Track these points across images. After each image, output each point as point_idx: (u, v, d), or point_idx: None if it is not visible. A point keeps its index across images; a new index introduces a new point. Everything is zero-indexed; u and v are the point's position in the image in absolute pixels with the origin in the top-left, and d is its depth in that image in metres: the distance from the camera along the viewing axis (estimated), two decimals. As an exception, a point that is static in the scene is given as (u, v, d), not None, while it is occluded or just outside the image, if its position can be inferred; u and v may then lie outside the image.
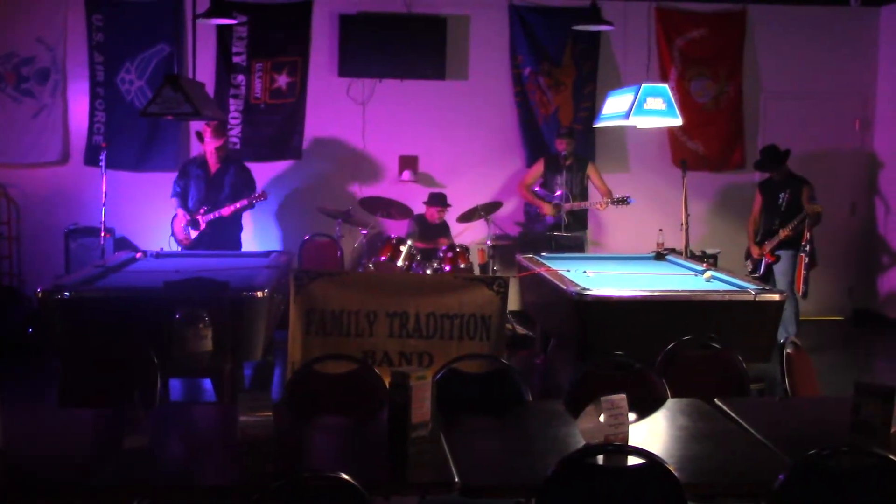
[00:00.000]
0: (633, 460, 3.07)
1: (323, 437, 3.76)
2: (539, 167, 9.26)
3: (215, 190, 8.19)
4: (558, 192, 8.82)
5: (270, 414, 3.31)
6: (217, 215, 8.05)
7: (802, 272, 8.07)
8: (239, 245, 8.39)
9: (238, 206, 8.08)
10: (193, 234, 8.08)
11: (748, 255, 8.77)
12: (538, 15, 9.78)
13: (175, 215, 8.25)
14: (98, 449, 3.48)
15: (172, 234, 8.27)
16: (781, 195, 8.46)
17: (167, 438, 3.61)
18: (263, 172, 9.38)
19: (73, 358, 4.56)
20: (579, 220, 9.20)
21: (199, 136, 8.28)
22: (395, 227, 9.42)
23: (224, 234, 8.18)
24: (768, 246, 8.45)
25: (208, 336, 5.37)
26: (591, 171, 9.20)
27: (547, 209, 8.98)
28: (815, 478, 3.00)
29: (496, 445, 3.61)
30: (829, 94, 10.17)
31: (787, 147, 8.62)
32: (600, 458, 3.15)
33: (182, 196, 8.28)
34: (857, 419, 3.55)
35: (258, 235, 9.48)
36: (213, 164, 8.24)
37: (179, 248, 8.17)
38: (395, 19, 9.59)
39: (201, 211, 8.08)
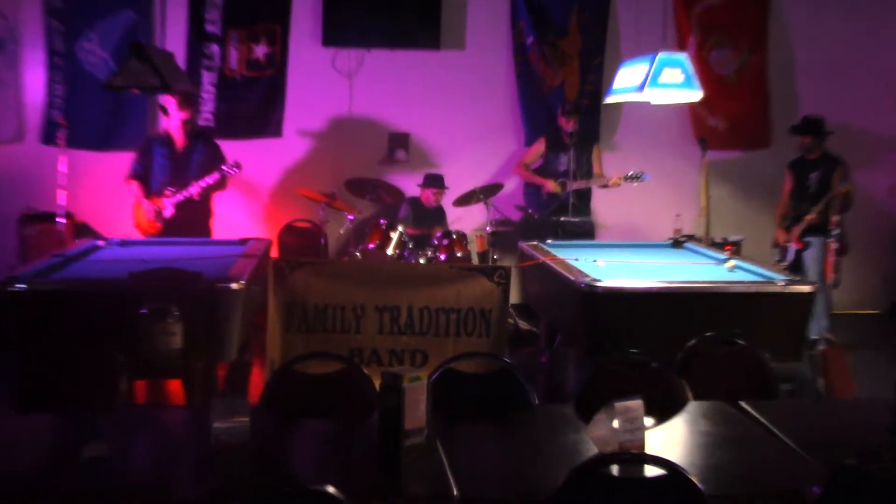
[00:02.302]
0: (651, 470, 3.05)
1: (305, 444, 3.73)
2: (540, 146, 9.23)
3: (182, 169, 7.99)
4: (563, 172, 8.80)
5: (247, 419, 3.29)
6: (186, 195, 7.91)
7: (831, 259, 8.06)
8: (209, 232, 8.29)
9: (209, 181, 7.89)
10: (164, 217, 7.96)
11: (775, 242, 8.76)
12: (542, -22, 9.76)
13: (136, 201, 8.12)
14: (57, 458, 3.44)
15: (135, 224, 8.14)
16: (812, 175, 8.46)
17: (132, 446, 3.59)
18: (240, 152, 9.28)
19: (28, 358, 4.52)
20: (585, 203, 9.16)
21: (163, 109, 8.13)
22: (385, 212, 9.38)
23: (193, 221, 8.05)
24: (796, 231, 8.44)
25: (178, 332, 5.33)
26: (594, 153, 9.16)
27: (551, 185, 8.93)
28: (853, 488, 2.97)
29: (498, 454, 3.59)
30: (862, 68, 10.12)
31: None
32: (615, 469, 3.12)
33: (142, 178, 8.11)
34: (900, 423, 3.53)
35: (234, 221, 9.44)
36: (180, 141, 8.05)
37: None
38: (386, -18, 9.57)
39: (167, 193, 7.93)
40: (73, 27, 9.37)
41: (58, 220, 8.02)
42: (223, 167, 7.90)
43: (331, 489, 2.76)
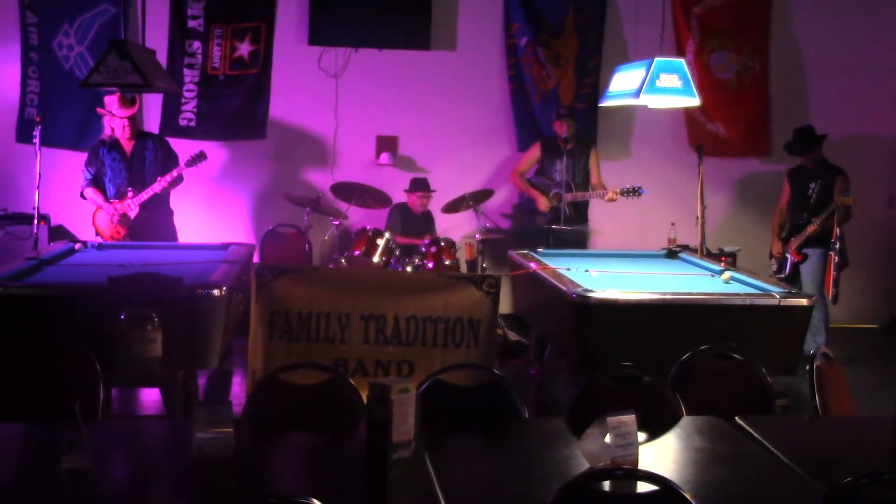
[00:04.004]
0: (643, 486, 3.07)
1: (290, 457, 3.75)
2: (535, 152, 9.27)
3: (137, 169, 8.04)
4: (557, 182, 8.84)
5: (230, 430, 3.30)
6: (150, 194, 7.93)
7: (832, 273, 8.10)
8: (174, 232, 8.33)
9: (175, 174, 7.94)
10: (130, 220, 7.95)
11: (772, 254, 8.81)
12: (537, -23, 9.79)
13: (96, 209, 8.12)
14: (32, 469, 3.45)
15: (97, 232, 8.14)
16: (812, 185, 8.50)
17: (111, 457, 3.58)
18: (222, 154, 9.36)
19: (2, 365, 4.52)
20: (580, 212, 9.21)
21: (109, 112, 8.09)
22: (372, 218, 9.40)
23: (158, 221, 8.09)
24: (795, 243, 8.49)
25: (158, 340, 5.35)
26: (591, 157, 9.20)
27: (543, 203, 8.98)
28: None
29: (487, 468, 3.61)
30: (864, 71, 10.16)
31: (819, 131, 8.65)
32: (607, 484, 3.15)
33: (97, 183, 8.13)
34: (899, 441, 3.57)
35: (215, 226, 9.45)
36: (127, 142, 8.08)
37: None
38: (375, -20, 9.58)
39: (129, 194, 7.95)
40: (49, 21, 9.37)
41: (34, 221, 8.04)
42: (188, 160, 7.93)
43: (316, 502, 2.78)
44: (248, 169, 9.75)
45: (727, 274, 6.82)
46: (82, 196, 8.18)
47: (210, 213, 9.43)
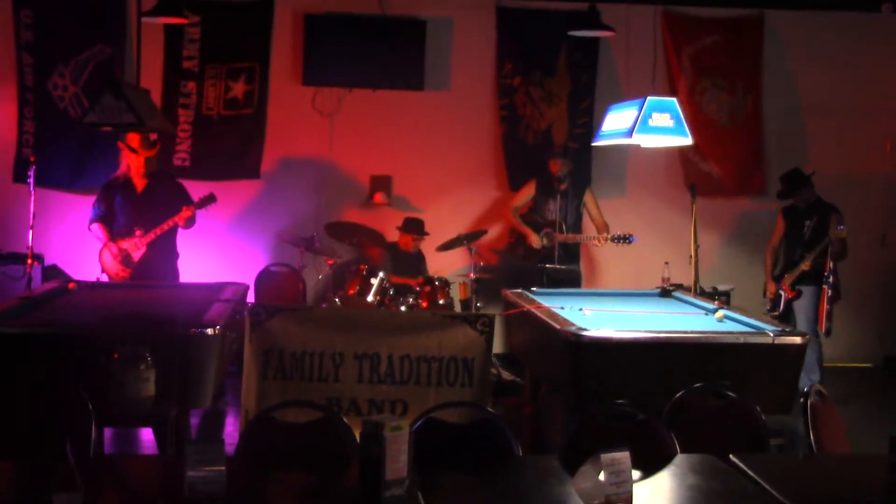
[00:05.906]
0: (638, 524, 3.06)
1: (283, 495, 3.73)
2: (530, 190, 9.30)
3: (147, 209, 7.99)
4: (549, 221, 8.88)
5: (222, 468, 3.29)
6: (159, 233, 7.90)
7: (825, 306, 8.10)
8: (177, 273, 8.31)
9: (184, 215, 7.93)
10: (133, 260, 7.93)
11: (765, 293, 8.82)
12: (529, 18, 9.85)
13: (102, 246, 8.11)
14: (23, 508, 3.44)
15: (103, 269, 8.12)
16: (807, 222, 8.52)
17: (103, 496, 3.57)
18: (217, 193, 9.34)
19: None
20: (571, 253, 9.22)
21: (131, 148, 8.08)
22: (366, 258, 9.41)
23: (162, 262, 8.06)
24: (788, 279, 8.50)
25: (151, 379, 5.33)
26: (588, 198, 9.24)
27: (534, 240, 9.01)
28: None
29: (481, 507, 3.59)
30: (856, 111, 10.23)
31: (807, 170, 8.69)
32: (601, 522, 3.14)
33: (105, 220, 8.12)
34: (894, 480, 3.55)
35: (209, 265, 9.44)
36: (140, 181, 8.07)
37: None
38: (368, 21, 9.62)
39: (137, 233, 7.93)
40: (44, 62, 9.42)
41: (27, 261, 8.03)
42: (197, 201, 7.93)
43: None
44: (243, 209, 9.76)
45: (721, 312, 6.83)
46: (89, 229, 8.17)
47: (204, 253, 9.43)
